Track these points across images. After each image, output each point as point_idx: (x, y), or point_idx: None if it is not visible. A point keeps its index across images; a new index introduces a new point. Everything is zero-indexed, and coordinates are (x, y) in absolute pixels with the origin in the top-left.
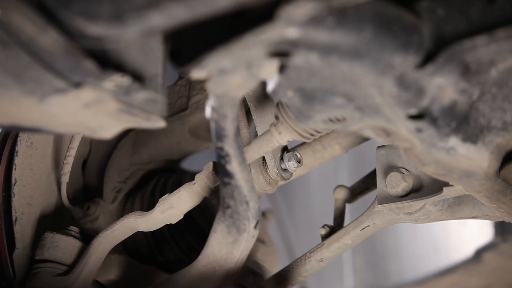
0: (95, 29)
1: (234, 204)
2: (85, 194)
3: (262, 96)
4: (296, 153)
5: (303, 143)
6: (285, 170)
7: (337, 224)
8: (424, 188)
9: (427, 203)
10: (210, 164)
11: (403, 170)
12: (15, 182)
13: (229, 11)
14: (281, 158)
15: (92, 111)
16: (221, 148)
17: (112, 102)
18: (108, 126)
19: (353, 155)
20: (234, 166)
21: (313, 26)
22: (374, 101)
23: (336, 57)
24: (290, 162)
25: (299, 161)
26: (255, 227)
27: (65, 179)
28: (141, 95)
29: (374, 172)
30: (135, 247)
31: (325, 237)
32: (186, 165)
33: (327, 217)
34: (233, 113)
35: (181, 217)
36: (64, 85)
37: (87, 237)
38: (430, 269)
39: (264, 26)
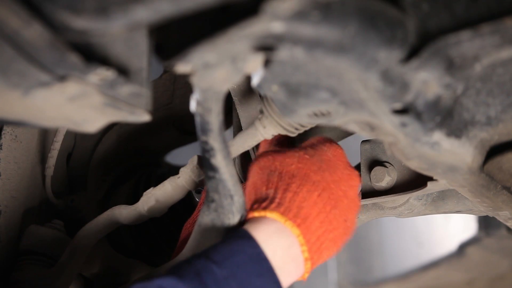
0: (79, 22)
1: (218, 198)
2: (69, 188)
3: (247, 90)
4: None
5: None
6: None
7: None
8: (408, 183)
9: (411, 198)
10: (195, 158)
11: (388, 165)
12: (0, 175)
13: (214, 5)
14: None
15: (77, 105)
16: (206, 142)
17: (96, 95)
18: (92, 120)
19: None
20: (218, 160)
21: (298, 20)
22: (358, 95)
23: (321, 52)
24: None
25: None
26: (239, 221)
27: (49, 172)
28: (126, 89)
29: (358, 166)
30: (119, 240)
31: None
32: (171, 158)
33: None
34: (218, 107)
35: (166, 210)
36: (48, 79)
37: (71, 230)
38: (413, 263)
39: (249, 20)
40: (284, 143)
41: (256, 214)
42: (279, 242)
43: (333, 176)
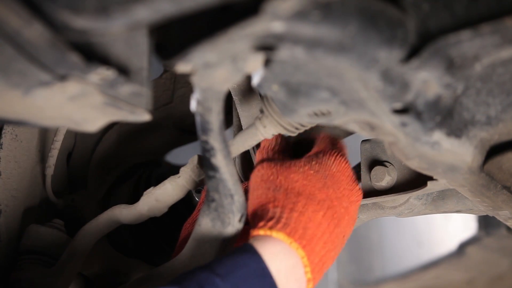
0: (80, 22)
1: (218, 198)
2: (70, 187)
3: (247, 90)
4: None
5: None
6: None
7: None
8: (408, 182)
9: (411, 197)
10: (195, 158)
11: (388, 164)
12: (0, 175)
13: (214, 5)
14: None
15: (77, 104)
16: (206, 142)
17: (97, 95)
18: (93, 119)
19: None
20: (219, 160)
21: (299, 20)
22: (359, 95)
23: (321, 51)
24: None
25: None
26: (240, 220)
27: (50, 171)
28: (126, 88)
29: (358, 166)
30: (119, 240)
31: None
32: (171, 158)
33: None
34: (218, 106)
35: (166, 210)
36: (49, 78)
37: (71, 230)
38: (413, 263)
39: (249, 20)
40: (284, 149)
41: (261, 232)
42: (284, 262)
43: (337, 192)
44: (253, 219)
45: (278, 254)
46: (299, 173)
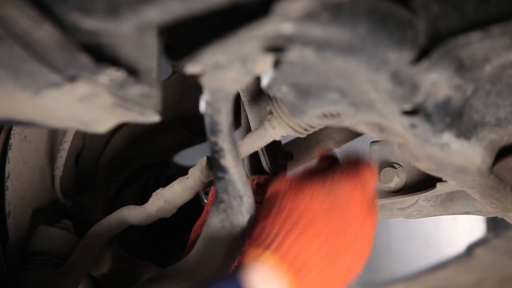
0: (90, 23)
1: (227, 199)
2: (78, 188)
3: (256, 91)
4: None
5: (296, 138)
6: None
7: None
8: (417, 184)
9: (420, 199)
10: (204, 159)
11: (397, 166)
12: (9, 176)
13: (224, 6)
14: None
15: (87, 105)
16: (215, 143)
17: (106, 96)
18: (102, 120)
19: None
20: (228, 161)
21: (308, 21)
22: (368, 96)
23: (330, 53)
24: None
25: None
26: (249, 221)
27: (58, 172)
28: (135, 89)
29: None
30: (128, 241)
31: None
32: (180, 159)
33: None
34: (227, 107)
35: (175, 211)
36: (58, 79)
37: (80, 231)
38: (422, 264)
39: (259, 21)
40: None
41: (254, 252)
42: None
43: (343, 218)
44: (253, 235)
45: (265, 278)
46: (308, 193)
